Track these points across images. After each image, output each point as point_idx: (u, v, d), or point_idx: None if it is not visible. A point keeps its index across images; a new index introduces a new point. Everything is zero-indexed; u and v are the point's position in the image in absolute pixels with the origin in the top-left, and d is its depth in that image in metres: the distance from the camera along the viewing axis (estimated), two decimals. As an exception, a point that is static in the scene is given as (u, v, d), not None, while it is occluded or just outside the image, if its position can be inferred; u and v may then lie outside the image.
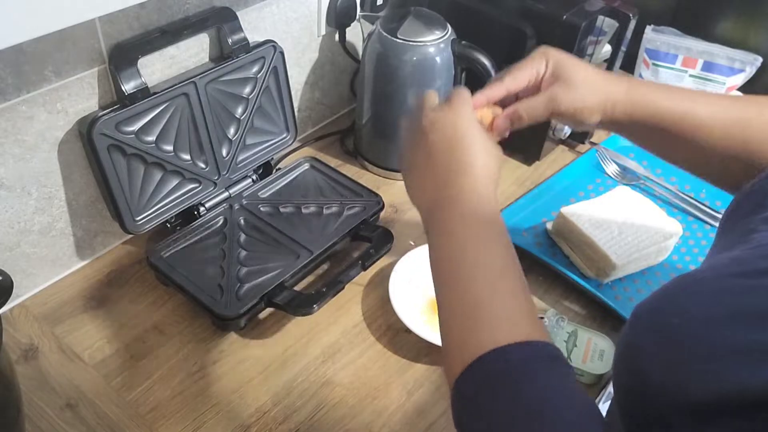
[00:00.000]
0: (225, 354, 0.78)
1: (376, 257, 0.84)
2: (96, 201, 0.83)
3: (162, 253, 0.83)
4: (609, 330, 0.82)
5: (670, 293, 0.45)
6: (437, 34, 0.94)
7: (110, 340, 0.78)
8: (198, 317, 0.81)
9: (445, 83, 0.97)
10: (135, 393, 0.73)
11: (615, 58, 1.03)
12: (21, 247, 0.78)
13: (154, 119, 0.80)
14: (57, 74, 0.72)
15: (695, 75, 1.06)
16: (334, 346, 0.80)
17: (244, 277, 0.81)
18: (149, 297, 0.84)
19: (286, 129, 0.97)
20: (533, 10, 0.95)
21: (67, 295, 0.83)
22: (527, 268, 0.88)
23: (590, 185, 1.05)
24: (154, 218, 0.84)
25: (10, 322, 0.79)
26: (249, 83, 0.89)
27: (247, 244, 0.86)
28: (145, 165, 0.81)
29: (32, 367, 0.75)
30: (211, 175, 0.89)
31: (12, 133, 0.71)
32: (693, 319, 0.41)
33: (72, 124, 0.76)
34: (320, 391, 0.75)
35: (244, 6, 0.88)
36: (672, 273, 0.90)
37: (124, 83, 0.75)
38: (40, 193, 0.77)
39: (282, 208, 0.91)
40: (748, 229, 0.47)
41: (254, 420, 0.72)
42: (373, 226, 0.90)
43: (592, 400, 0.45)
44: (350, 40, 1.08)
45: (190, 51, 0.84)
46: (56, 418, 0.70)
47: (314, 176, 0.97)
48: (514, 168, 1.08)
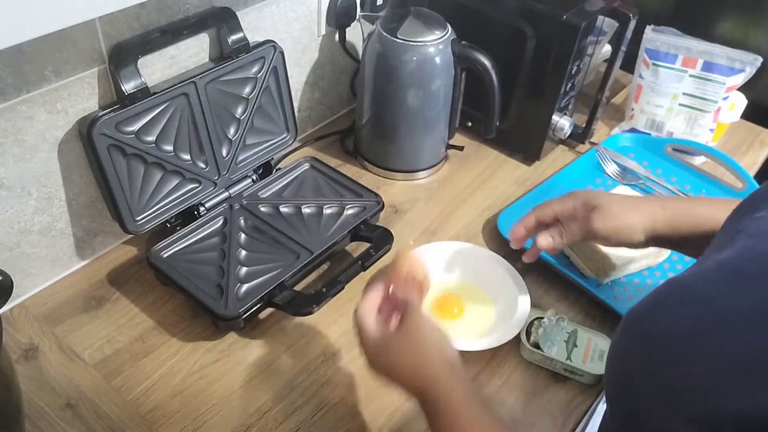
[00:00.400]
0: (225, 354, 0.78)
1: (376, 257, 0.84)
2: (96, 201, 0.83)
3: (162, 253, 0.83)
4: (609, 330, 0.82)
5: (658, 300, 0.45)
6: (437, 34, 0.94)
7: (110, 340, 0.78)
8: (198, 317, 0.81)
9: (445, 83, 0.97)
10: (135, 393, 0.73)
11: (615, 58, 1.03)
12: (21, 247, 0.78)
13: (154, 119, 0.80)
14: (57, 74, 0.72)
15: (695, 75, 1.06)
16: (334, 346, 0.80)
17: (244, 277, 0.81)
18: (149, 297, 0.84)
19: (286, 129, 0.97)
20: (533, 10, 0.95)
21: (67, 295, 0.83)
22: (527, 267, 0.89)
23: (590, 185, 1.05)
24: (154, 218, 0.84)
25: (10, 322, 0.79)
26: (249, 83, 0.89)
27: (247, 244, 0.86)
28: (145, 165, 0.81)
29: (32, 367, 0.75)
30: (211, 175, 0.89)
31: (12, 133, 0.71)
32: (679, 329, 0.41)
33: (72, 124, 0.76)
34: (320, 391, 0.75)
35: (244, 6, 0.88)
36: (671, 273, 0.90)
37: (124, 83, 0.75)
38: (40, 193, 0.77)
39: (282, 208, 0.91)
40: (737, 229, 0.47)
41: (254, 420, 0.72)
42: (373, 226, 0.90)
43: None
44: (350, 40, 1.08)
45: (190, 51, 0.84)
46: (56, 418, 0.70)
47: (314, 176, 0.97)
48: (514, 168, 1.08)
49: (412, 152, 1.03)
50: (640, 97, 1.12)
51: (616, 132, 1.16)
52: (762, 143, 1.18)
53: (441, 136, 1.04)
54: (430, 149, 1.04)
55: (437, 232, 0.96)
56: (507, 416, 0.73)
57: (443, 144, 1.06)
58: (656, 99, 1.10)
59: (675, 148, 1.09)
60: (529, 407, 0.74)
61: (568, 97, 1.04)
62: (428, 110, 0.99)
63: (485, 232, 0.96)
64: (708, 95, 1.06)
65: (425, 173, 1.06)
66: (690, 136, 1.11)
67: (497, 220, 0.94)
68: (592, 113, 1.09)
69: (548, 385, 0.77)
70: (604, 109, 1.16)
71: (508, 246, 0.92)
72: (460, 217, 0.98)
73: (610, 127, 1.19)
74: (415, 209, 1.00)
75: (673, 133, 1.12)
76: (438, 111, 0.99)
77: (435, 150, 1.05)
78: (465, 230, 0.96)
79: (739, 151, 1.15)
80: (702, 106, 1.08)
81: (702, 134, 1.10)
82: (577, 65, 0.99)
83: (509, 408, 0.74)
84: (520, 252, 0.82)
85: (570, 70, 0.97)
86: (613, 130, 1.17)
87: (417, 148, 1.03)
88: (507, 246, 0.92)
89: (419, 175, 1.05)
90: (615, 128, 1.18)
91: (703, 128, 1.09)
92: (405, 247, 0.67)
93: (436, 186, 1.04)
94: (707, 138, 1.11)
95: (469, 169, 1.08)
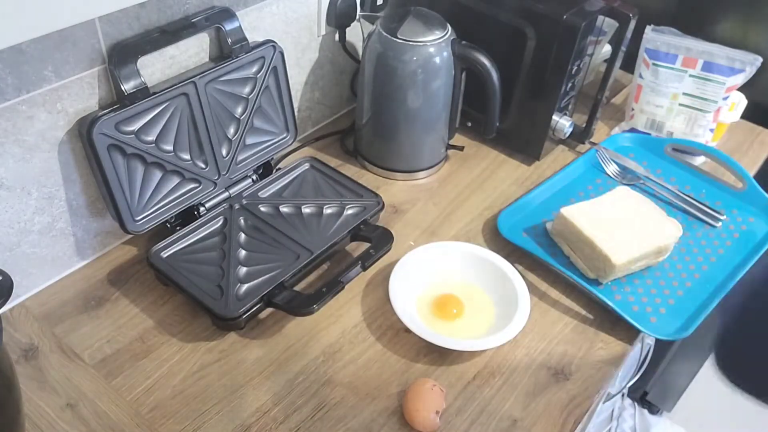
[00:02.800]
0: (225, 354, 0.78)
1: (376, 257, 0.84)
2: (96, 201, 0.83)
3: (162, 253, 0.83)
4: (609, 330, 0.82)
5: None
6: (437, 34, 0.94)
7: (110, 340, 0.78)
8: (198, 317, 0.81)
9: (445, 83, 0.97)
10: (135, 393, 0.73)
11: (615, 58, 1.03)
12: (21, 247, 0.78)
13: (154, 119, 0.80)
14: (57, 74, 0.72)
15: (695, 75, 1.06)
16: (334, 346, 0.80)
17: (244, 277, 0.81)
18: (149, 297, 0.84)
19: (286, 129, 0.97)
20: (533, 10, 0.95)
21: (67, 295, 0.83)
22: (527, 267, 0.89)
23: (590, 185, 1.05)
24: (154, 218, 0.84)
25: (10, 322, 0.79)
26: (249, 83, 0.89)
27: (247, 244, 0.86)
28: (145, 165, 0.81)
29: (32, 367, 0.75)
30: (211, 175, 0.89)
31: (12, 133, 0.71)
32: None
33: (72, 124, 0.76)
34: (320, 391, 0.75)
35: (244, 6, 0.88)
36: (671, 272, 0.90)
37: (124, 83, 0.75)
38: (40, 193, 0.77)
39: (282, 208, 0.91)
40: None
41: (254, 420, 0.72)
42: (373, 226, 0.90)
43: None
44: (350, 40, 1.08)
45: (190, 51, 0.84)
46: (56, 418, 0.70)
47: (314, 176, 0.97)
48: (514, 168, 1.08)
49: (412, 152, 1.03)
50: (640, 97, 1.12)
51: (616, 132, 1.16)
52: (762, 143, 1.18)
53: (441, 136, 1.04)
54: (430, 149, 1.04)
55: (437, 232, 0.96)
56: (507, 416, 0.73)
57: (443, 144, 1.06)
58: (656, 99, 1.10)
59: (675, 148, 1.09)
60: (529, 407, 0.74)
61: (568, 97, 1.04)
62: (428, 110, 0.99)
63: (485, 232, 0.96)
64: (708, 95, 1.06)
65: (425, 173, 1.06)
66: (690, 136, 1.11)
67: (497, 220, 0.94)
68: (592, 113, 1.09)
69: (548, 385, 0.77)
70: (604, 109, 1.16)
71: (508, 246, 0.92)
72: (460, 217, 0.98)
73: (610, 127, 1.19)
74: (415, 209, 1.00)
75: (673, 133, 1.12)
76: (438, 111, 0.99)
77: (435, 150, 1.05)
78: (465, 230, 0.96)
79: (739, 151, 1.15)
80: (702, 106, 1.08)
81: (702, 134, 1.10)
82: (577, 65, 0.99)
83: (509, 408, 0.74)
84: (520, 252, 0.82)
85: (570, 70, 0.97)
86: (613, 130, 1.17)
87: (417, 148, 1.03)
88: (507, 246, 0.92)
89: (419, 175, 1.05)
90: (615, 128, 1.18)
91: (703, 128, 1.09)
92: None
93: (436, 186, 1.04)
94: (707, 138, 1.11)
95: (469, 169, 1.08)
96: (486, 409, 0.74)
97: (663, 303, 0.86)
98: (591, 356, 0.80)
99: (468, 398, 0.75)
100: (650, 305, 0.85)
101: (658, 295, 0.87)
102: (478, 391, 0.75)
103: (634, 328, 0.81)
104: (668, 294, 0.87)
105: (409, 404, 0.71)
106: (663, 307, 0.85)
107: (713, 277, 0.90)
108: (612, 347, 0.81)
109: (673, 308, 0.85)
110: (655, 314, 0.84)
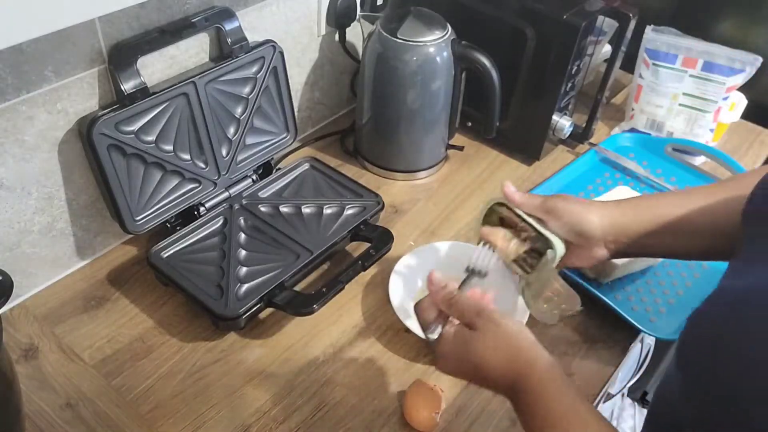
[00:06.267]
0: (225, 354, 0.78)
1: (376, 257, 0.84)
2: (96, 201, 0.83)
3: (162, 253, 0.83)
4: (609, 330, 0.82)
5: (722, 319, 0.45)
6: (437, 34, 0.94)
7: (110, 340, 0.78)
8: (198, 317, 0.81)
9: (445, 83, 0.97)
10: (135, 393, 0.73)
11: (615, 58, 1.03)
12: (21, 247, 0.78)
13: (154, 119, 0.80)
14: (57, 74, 0.72)
15: (695, 75, 1.06)
16: (334, 346, 0.80)
17: (244, 277, 0.81)
18: (149, 297, 0.84)
19: (286, 129, 0.97)
20: (533, 10, 0.95)
21: (67, 295, 0.83)
22: (527, 268, 0.88)
23: (590, 185, 1.05)
24: (154, 218, 0.84)
25: (10, 322, 0.79)
26: (249, 83, 0.89)
27: (247, 244, 0.86)
28: (145, 165, 0.81)
29: (32, 367, 0.75)
30: (211, 175, 0.89)
31: (12, 133, 0.71)
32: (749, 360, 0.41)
33: (72, 124, 0.76)
34: (320, 391, 0.75)
35: (244, 6, 0.88)
36: (671, 272, 0.90)
37: (124, 83, 0.75)
38: (40, 193, 0.77)
39: (282, 208, 0.91)
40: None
41: (254, 420, 0.72)
42: (373, 226, 0.90)
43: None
44: (350, 40, 1.08)
45: (189, 51, 0.84)
46: (56, 418, 0.70)
47: (314, 176, 0.97)
48: (514, 168, 1.08)
49: (412, 152, 1.03)
50: (640, 97, 1.12)
51: (616, 132, 1.16)
52: (762, 143, 1.18)
53: (441, 136, 1.04)
54: (430, 149, 1.04)
55: (437, 232, 0.96)
56: (507, 416, 0.73)
57: (443, 144, 1.06)
58: (656, 99, 1.10)
59: (675, 148, 1.09)
60: (529, 407, 0.74)
61: (568, 97, 1.04)
62: (428, 110, 0.99)
63: (485, 232, 0.95)
64: (708, 95, 1.06)
65: (425, 173, 1.06)
66: (690, 136, 1.11)
67: (497, 220, 0.94)
68: (592, 113, 1.09)
69: (548, 385, 0.77)
70: (604, 109, 1.16)
71: (508, 246, 0.91)
72: (460, 217, 0.98)
73: (610, 127, 1.19)
74: (415, 209, 1.00)
75: (673, 133, 1.12)
76: (438, 111, 0.99)
77: (435, 150, 1.05)
78: (465, 230, 0.96)
79: (739, 151, 1.15)
80: (702, 106, 1.08)
81: (702, 134, 1.10)
82: (577, 65, 0.99)
83: (509, 408, 0.74)
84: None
85: (570, 70, 0.97)
86: (613, 130, 1.17)
87: (417, 148, 1.03)
88: (507, 246, 0.92)
89: (419, 175, 1.05)
90: (615, 128, 1.18)
91: (703, 128, 1.09)
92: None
93: (436, 186, 1.04)
94: (707, 138, 1.11)
95: (469, 169, 1.08)
96: (486, 409, 0.74)
97: (663, 303, 0.86)
98: (591, 356, 0.80)
99: (468, 398, 0.75)
100: (650, 305, 0.85)
101: (658, 295, 0.87)
102: (478, 391, 0.75)
103: (634, 328, 0.81)
104: (668, 294, 0.87)
105: (409, 404, 0.71)
106: (663, 307, 0.85)
107: (713, 276, 0.90)
108: (612, 347, 0.81)
109: (673, 308, 0.85)
110: (655, 314, 0.84)
